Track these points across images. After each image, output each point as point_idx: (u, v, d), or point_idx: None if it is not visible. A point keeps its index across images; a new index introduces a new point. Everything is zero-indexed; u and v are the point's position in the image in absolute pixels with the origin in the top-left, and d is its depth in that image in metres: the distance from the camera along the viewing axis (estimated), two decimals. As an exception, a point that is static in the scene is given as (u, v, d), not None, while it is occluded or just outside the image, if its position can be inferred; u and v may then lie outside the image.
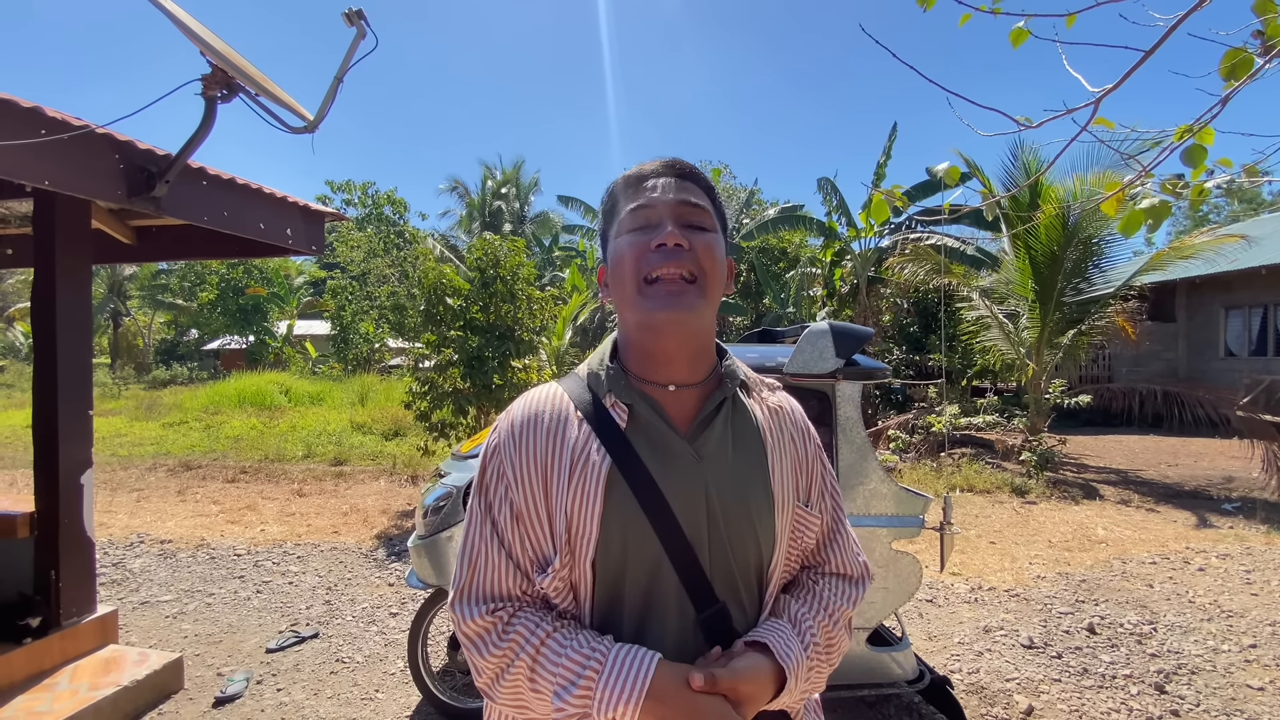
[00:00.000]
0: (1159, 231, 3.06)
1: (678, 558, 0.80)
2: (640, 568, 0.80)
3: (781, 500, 0.87)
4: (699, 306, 0.83)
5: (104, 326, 30.12)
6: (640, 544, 0.80)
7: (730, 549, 0.83)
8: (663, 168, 0.87)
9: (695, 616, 0.81)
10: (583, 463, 0.81)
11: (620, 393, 0.85)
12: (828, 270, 14.15)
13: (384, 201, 20.32)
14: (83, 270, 3.11)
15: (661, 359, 0.86)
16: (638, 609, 0.81)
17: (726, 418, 0.88)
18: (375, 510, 6.64)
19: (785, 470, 0.89)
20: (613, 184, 0.91)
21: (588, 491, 0.80)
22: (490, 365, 6.68)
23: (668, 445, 0.83)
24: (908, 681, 2.75)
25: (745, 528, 0.84)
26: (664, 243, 0.81)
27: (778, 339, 3.64)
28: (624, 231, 0.85)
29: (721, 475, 0.84)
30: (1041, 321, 8.85)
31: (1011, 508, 6.80)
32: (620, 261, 0.84)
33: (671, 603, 0.81)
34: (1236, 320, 13.82)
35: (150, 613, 4.10)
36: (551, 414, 0.85)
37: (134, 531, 5.83)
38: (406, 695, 3.12)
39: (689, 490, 0.82)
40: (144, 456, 9.52)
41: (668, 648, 0.79)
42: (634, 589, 0.81)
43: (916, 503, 2.69)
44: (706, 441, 0.85)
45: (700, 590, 0.81)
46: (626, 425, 0.83)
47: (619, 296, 0.86)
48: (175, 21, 2.30)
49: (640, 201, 0.84)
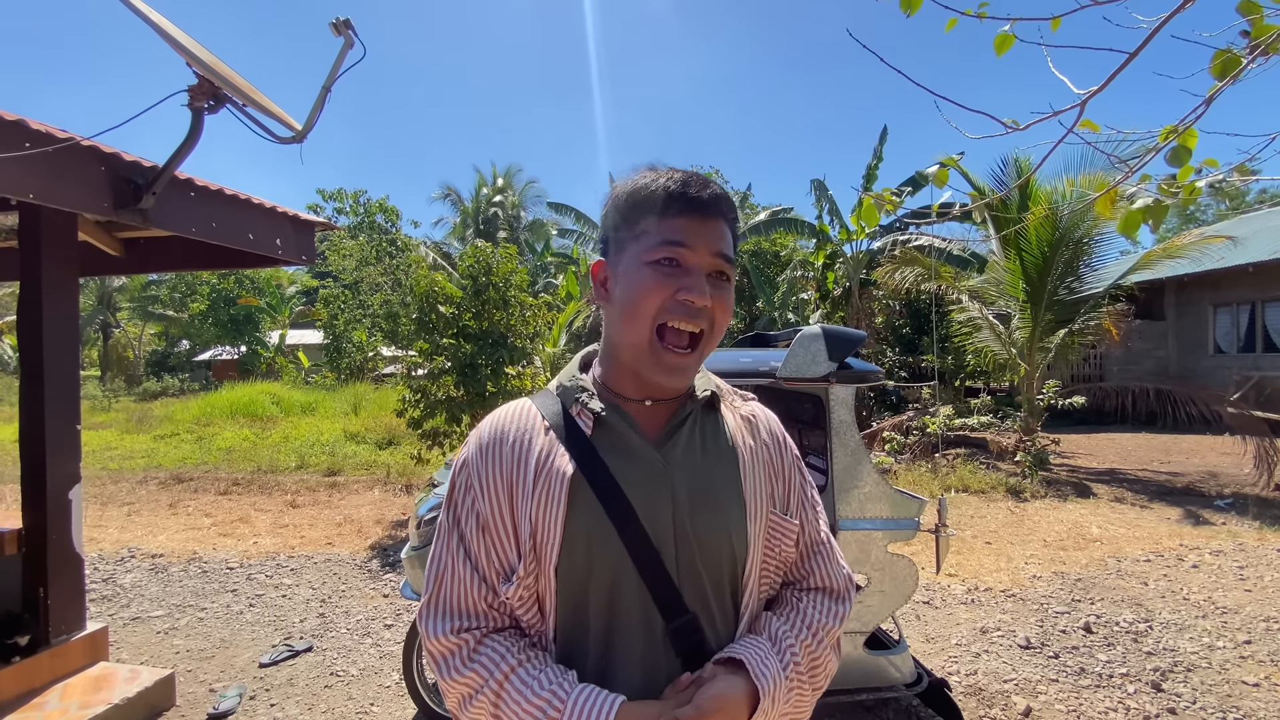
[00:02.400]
0: (1147, 231, 3.06)
1: (643, 563, 0.78)
2: (605, 574, 0.78)
3: (755, 506, 0.86)
4: (693, 371, 0.84)
5: (94, 339, 29.90)
6: (604, 548, 0.78)
7: (699, 555, 0.81)
8: (710, 202, 0.82)
9: (664, 627, 0.79)
10: (548, 469, 0.80)
11: (590, 402, 0.85)
12: (820, 273, 14.21)
13: (376, 210, 20.27)
14: (69, 283, 3.08)
15: (647, 391, 0.87)
16: (603, 619, 0.79)
17: (695, 426, 0.87)
18: (369, 520, 6.59)
19: (759, 477, 0.88)
20: (639, 186, 0.84)
21: (552, 495, 0.79)
22: (483, 373, 6.66)
23: (634, 452, 0.83)
24: (906, 684, 2.74)
25: (716, 533, 0.82)
26: (691, 300, 0.79)
27: (771, 343, 3.64)
28: (650, 255, 0.80)
29: (690, 481, 0.83)
30: (1033, 322, 8.90)
31: (1006, 508, 6.82)
32: (643, 295, 0.80)
33: (637, 613, 0.79)
34: (1225, 318, 13.94)
35: (141, 628, 4.06)
36: (518, 428, 0.85)
37: (125, 546, 5.77)
38: (402, 709, 3.09)
39: (655, 496, 0.81)
40: (135, 469, 9.43)
41: (634, 661, 0.78)
42: (599, 598, 0.79)
43: (912, 505, 2.69)
44: (674, 448, 0.84)
45: (667, 598, 0.79)
46: (593, 433, 0.83)
47: (628, 321, 0.82)
48: (160, 32, 2.29)
49: (678, 238, 0.80)
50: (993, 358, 9.67)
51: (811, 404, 3.10)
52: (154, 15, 2.30)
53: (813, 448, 3.29)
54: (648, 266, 0.80)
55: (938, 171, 2.22)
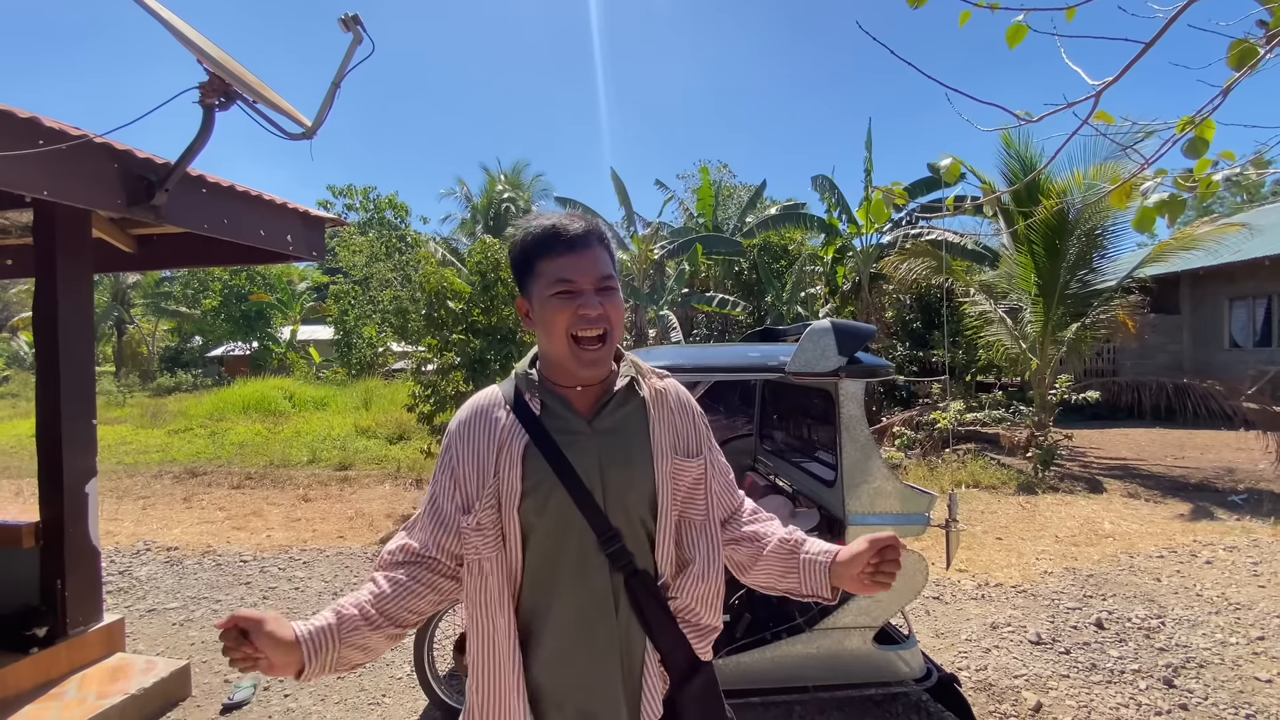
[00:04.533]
0: (1160, 223, 3.04)
1: (580, 502, 1.06)
2: (554, 512, 1.06)
3: (660, 452, 1.13)
4: (608, 361, 1.12)
5: (108, 335, 30.23)
6: (551, 494, 1.06)
7: (622, 491, 1.09)
8: (581, 237, 1.08)
9: (596, 540, 1.07)
10: (509, 440, 1.09)
11: (537, 392, 1.13)
12: (829, 268, 14.12)
13: (385, 206, 20.35)
14: (84, 279, 3.12)
15: (576, 380, 1.14)
16: (553, 541, 1.07)
17: (617, 402, 1.15)
18: (380, 514, 6.64)
19: (663, 433, 1.15)
20: (525, 237, 1.11)
21: (513, 459, 1.07)
22: (492, 368, 6.68)
23: (570, 426, 1.11)
24: (915, 680, 2.74)
25: (630, 476, 1.10)
26: (588, 313, 1.06)
27: (780, 337, 3.63)
28: (551, 291, 1.07)
29: (612, 441, 1.11)
30: (1045, 316, 8.81)
31: (1018, 503, 6.77)
32: (553, 319, 1.07)
33: (575, 533, 1.07)
34: (1241, 311, 13.75)
35: (157, 620, 4.12)
36: (488, 406, 1.13)
37: (140, 539, 5.85)
38: (413, 699, 3.12)
39: (586, 454, 1.09)
40: (149, 464, 9.55)
41: (576, 574, 1.06)
42: (548, 528, 1.06)
43: (921, 500, 2.68)
44: (602, 420, 1.13)
45: (599, 525, 1.07)
46: (541, 413, 1.11)
47: (549, 339, 1.09)
48: (171, 29, 2.30)
49: (565, 275, 1.07)
50: (1004, 352, 9.60)
51: (821, 399, 3.09)
52: (165, 12, 2.31)
53: (821, 443, 3.28)
54: (551, 298, 1.07)
55: (950, 164, 2.20)
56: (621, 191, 18.42)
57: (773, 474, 3.79)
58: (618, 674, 1.06)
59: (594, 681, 1.05)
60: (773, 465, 3.83)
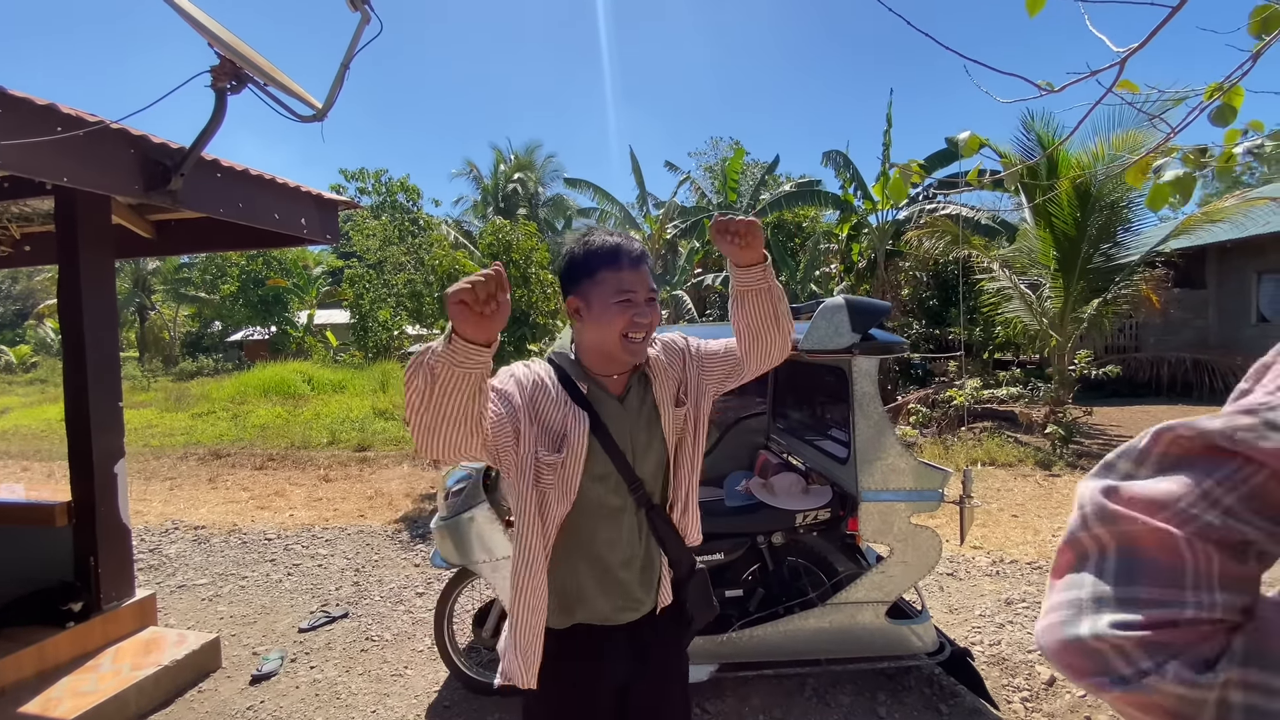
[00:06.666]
0: (1194, 195, 2.92)
1: (618, 463, 1.37)
2: (603, 469, 1.37)
3: (665, 412, 1.42)
4: (645, 353, 1.40)
5: (131, 320, 30.73)
6: (599, 456, 1.36)
7: (644, 451, 1.41)
8: (639, 258, 1.35)
9: (627, 486, 1.39)
10: (574, 417, 1.34)
11: (583, 379, 1.39)
12: (844, 245, 13.95)
13: (397, 189, 20.35)
14: (106, 265, 3.17)
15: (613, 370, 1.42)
16: (600, 485, 1.37)
17: (638, 383, 1.44)
18: (399, 494, 6.76)
19: (665, 392, 1.44)
20: (590, 246, 1.35)
21: (580, 432, 1.33)
22: (506, 349, 6.72)
23: (608, 405, 1.40)
24: (928, 653, 2.76)
25: (649, 437, 1.42)
26: (642, 321, 1.33)
27: (794, 315, 3.61)
28: (615, 299, 1.32)
29: (637, 415, 1.42)
30: (1065, 291, 8.66)
31: (1035, 481, 6.73)
32: (613, 320, 1.33)
33: (614, 484, 1.38)
34: (1270, 285, 13.38)
35: (187, 596, 4.24)
36: (545, 375, 1.38)
37: (168, 518, 6.01)
38: (434, 671, 3.21)
39: (621, 427, 1.39)
40: (175, 446, 9.77)
41: (612, 514, 1.38)
42: (597, 479, 1.36)
43: (935, 477, 2.67)
44: (630, 399, 1.42)
45: (629, 475, 1.39)
46: (587, 394, 1.38)
47: (603, 334, 1.34)
48: (182, 13, 2.31)
49: (627, 286, 1.33)
50: (1023, 329, 9.46)
51: (834, 376, 3.08)
52: (175, -4, 2.31)
53: (835, 420, 3.28)
54: (614, 304, 1.32)
55: (969, 138, 2.16)
56: (638, 172, 18.27)
57: (786, 452, 3.80)
58: (644, 575, 1.43)
59: (631, 579, 1.41)
60: (786, 443, 3.83)
